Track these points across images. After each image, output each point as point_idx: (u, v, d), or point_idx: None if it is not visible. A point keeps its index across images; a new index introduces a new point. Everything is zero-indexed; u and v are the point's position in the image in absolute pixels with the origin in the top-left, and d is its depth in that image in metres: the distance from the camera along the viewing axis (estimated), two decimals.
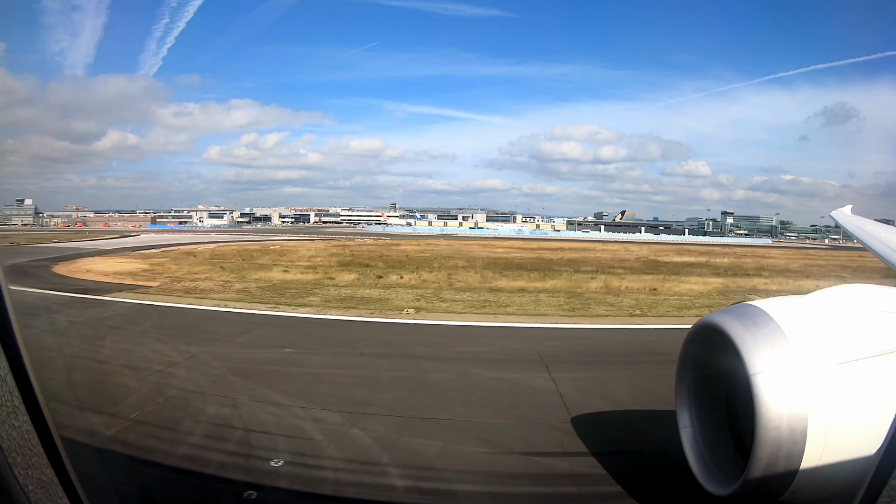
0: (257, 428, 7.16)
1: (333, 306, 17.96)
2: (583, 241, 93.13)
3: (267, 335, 13.47)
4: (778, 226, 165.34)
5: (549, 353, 11.61)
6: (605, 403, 8.43)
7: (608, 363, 11.20)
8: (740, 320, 4.32)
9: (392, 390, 9.02)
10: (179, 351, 11.09)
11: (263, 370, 9.97)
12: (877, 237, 8.67)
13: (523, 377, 9.74)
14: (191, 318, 15.79)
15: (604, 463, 6.13)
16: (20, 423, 1.78)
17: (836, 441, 3.88)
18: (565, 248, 63.11)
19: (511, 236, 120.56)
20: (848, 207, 10.94)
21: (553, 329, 14.78)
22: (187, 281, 24.30)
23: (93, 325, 14.13)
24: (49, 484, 1.89)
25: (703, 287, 26.28)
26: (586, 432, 7.06)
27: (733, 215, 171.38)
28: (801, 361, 4.00)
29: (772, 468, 3.93)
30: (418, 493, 5.71)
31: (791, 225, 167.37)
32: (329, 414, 7.69)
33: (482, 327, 14.74)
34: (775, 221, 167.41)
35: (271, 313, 16.47)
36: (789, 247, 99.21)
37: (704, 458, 4.78)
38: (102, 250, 43.96)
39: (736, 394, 4.69)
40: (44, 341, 11.17)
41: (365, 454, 6.43)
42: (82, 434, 6.39)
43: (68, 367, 9.44)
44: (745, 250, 74.25)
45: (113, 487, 4.73)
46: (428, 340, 13.09)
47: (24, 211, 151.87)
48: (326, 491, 5.63)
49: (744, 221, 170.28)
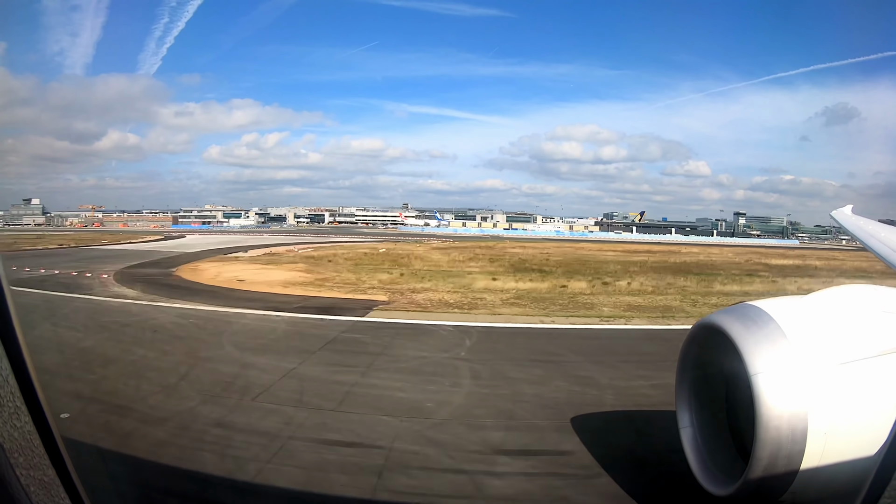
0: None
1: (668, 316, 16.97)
2: (643, 244, 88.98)
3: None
4: (789, 226, 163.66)
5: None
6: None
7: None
8: (741, 321, 4.31)
9: None
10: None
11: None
12: (877, 237, 8.58)
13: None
14: (563, 340, 13.62)
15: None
16: (22, 424, 1.79)
17: (836, 441, 3.86)
18: (654, 251, 61.44)
19: (561, 238, 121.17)
20: (848, 207, 10.82)
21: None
22: (397, 293, 21.53)
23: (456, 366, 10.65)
24: (51, 484, 1.89)
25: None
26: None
27: (745, 216, 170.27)
28: (801, 362, 3.99)
29: (772, 468, 3.92)
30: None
31: (800, 225, 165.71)
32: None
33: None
34: (786, 222, 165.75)
35: (632, 327, 15.26)
36: (825, 248, 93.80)
37: (704, 459, 4.78)
38: (195, 254, 40.66)
39: (736, 394, 4.68)
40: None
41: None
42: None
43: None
44: (799, 252, 71.81)
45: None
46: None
47: (32, 211, 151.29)
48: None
49: (755, 222, 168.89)
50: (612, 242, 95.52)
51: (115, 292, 20.43)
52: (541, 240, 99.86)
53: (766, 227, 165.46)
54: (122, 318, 15.63)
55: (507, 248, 63.07)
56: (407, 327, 14.89)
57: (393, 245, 60.66)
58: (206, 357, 11.26)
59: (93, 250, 45.44)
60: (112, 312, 16.51)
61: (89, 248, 47.88)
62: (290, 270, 30.26)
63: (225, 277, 25.82)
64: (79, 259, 35.35)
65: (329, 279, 26.18)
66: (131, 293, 20.26)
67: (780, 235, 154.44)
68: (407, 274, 29.09)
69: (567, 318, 16.70)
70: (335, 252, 45.62)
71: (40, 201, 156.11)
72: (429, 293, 21.73)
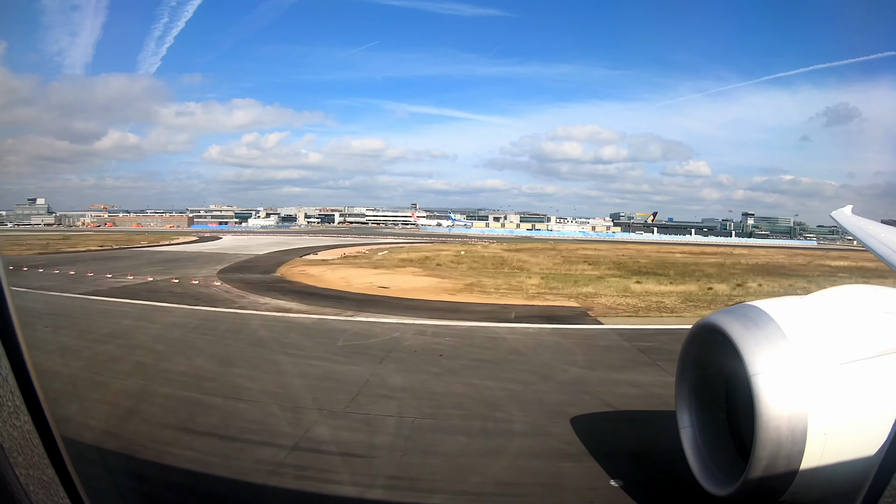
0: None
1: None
2: (680, 245, 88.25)
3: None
4: (796, 227, 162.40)
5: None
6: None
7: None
8: (741, 321, 4.31)
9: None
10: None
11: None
12: (877, 237, 8.51)
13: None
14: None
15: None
16: (21, 423, 1.79)
17: (836, 441, 3.85)
18: (707, 253, 60.72)
19: (594, 238, 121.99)
20: (848, 208, 10.72)
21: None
22: (574, 297, 20.61)
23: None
24: (50, 484, 1.89)
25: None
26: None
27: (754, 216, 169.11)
28: (801, 362, 3.98)
29: (772, 468, 3.92)
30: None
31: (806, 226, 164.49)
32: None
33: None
34: (793, 223, 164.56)
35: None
36: (845, 249, 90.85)
37: (704, 459, 4.77)
38: (267, 256, 39.21)
39: (736, 394, 4.67)
40: None
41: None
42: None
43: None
44: (836, 254, 70.20)
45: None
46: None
47: (37, 210, 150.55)
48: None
49: (762, 223, 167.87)
50: (651, 244, 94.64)
51: (270, 304, 18.28)
52: (576, 240, 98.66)
53: (774, 228, 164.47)
54: (360, 341, 13.16)
55: (570, 249, 62.19)
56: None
57: (458, 247, 59.08)
58: (575, 380, 9.88)
59: (143, 252, 44.08)
60: (328, 333, 14.04)
61: (137, 250, 46.15)
62: (415, 275, 28.73)
63: (359, 283, 24.22)
64: (148, 263, 33.63)
65: (474, 284, 24.62)
66: (286, 304, 18.29)
67: (787, 236, 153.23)
68: (539, 277, 28.18)
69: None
70: (417, 255, 43.41)
71: (45, 201, 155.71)
72: (605, 298, 21.08)
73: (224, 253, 43.44)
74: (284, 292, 21.29)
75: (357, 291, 22.18)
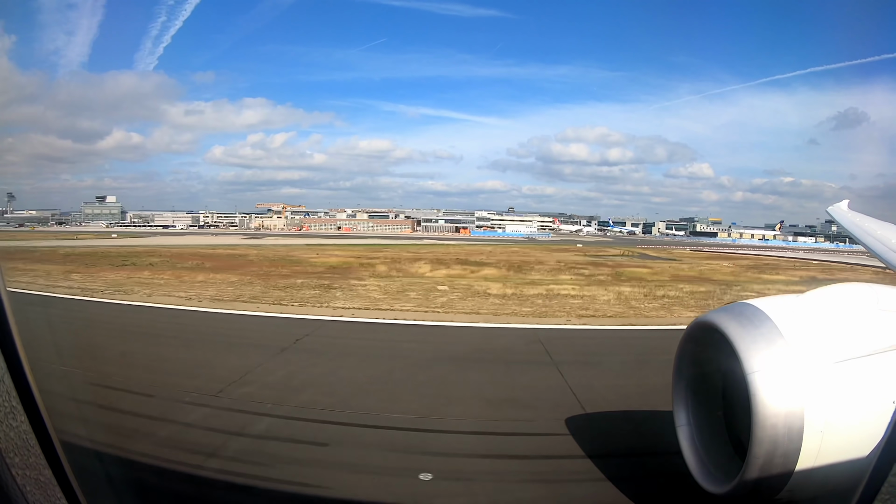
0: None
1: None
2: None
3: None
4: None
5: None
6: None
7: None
8: (737, 319, 4.32)
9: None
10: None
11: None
12: (873, 234, 8.34)
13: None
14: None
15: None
16: (18, 424, 1.78)
17: (832, 439, 3.86)
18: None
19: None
20: (844, 203, 10.40)
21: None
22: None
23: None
24: (47, 485, 1.89)
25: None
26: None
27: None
28: (797, 360, 3.99)
29: (769, 466, 3.93)
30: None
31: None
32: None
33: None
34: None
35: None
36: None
37: (701, 457, 4.78)
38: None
39: (733, 392, 4.68)
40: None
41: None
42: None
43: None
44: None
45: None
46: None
47: (109, 209, 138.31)
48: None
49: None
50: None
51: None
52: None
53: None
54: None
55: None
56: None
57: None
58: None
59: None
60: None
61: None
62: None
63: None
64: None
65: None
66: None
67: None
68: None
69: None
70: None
71: (116, 198, 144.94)
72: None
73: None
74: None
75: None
